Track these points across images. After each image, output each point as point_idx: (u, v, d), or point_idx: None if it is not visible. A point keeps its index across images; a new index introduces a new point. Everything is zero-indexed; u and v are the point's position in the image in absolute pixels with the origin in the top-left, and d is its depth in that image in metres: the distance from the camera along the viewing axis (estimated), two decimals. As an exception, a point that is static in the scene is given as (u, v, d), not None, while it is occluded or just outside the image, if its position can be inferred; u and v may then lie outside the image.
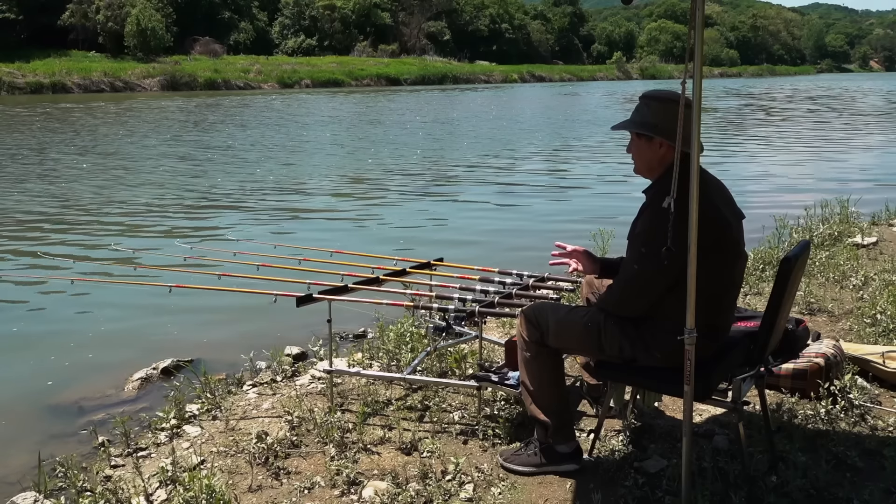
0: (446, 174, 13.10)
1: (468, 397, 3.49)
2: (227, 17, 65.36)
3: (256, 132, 20.79)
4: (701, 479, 2.61)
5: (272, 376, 4.04)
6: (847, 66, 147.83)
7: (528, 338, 2.77)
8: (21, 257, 7.42)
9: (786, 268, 2.52)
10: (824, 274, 5.30)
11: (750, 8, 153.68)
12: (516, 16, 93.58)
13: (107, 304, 5.87)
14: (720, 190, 2.57)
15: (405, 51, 74.37)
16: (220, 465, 2.99)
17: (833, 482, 2.63)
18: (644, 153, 2.58)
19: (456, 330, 3.78)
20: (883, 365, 3.51)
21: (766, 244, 6.17)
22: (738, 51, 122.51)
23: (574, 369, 3.57)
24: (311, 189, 11.53)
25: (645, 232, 2.47)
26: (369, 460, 2.96)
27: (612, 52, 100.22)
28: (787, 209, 7.33)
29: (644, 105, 2.58)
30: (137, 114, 28.17)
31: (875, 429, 3.07)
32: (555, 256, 2.92)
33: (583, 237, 6.43)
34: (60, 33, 54.05)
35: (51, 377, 4.48)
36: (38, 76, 44.13)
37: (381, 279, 3.73)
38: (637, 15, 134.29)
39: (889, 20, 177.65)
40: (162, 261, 5.14)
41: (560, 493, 2.69)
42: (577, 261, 2.86)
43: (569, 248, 2.88)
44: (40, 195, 10.87)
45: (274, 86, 51.96)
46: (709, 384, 2.48)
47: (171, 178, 12.64)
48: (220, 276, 3.94)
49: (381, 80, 59.10)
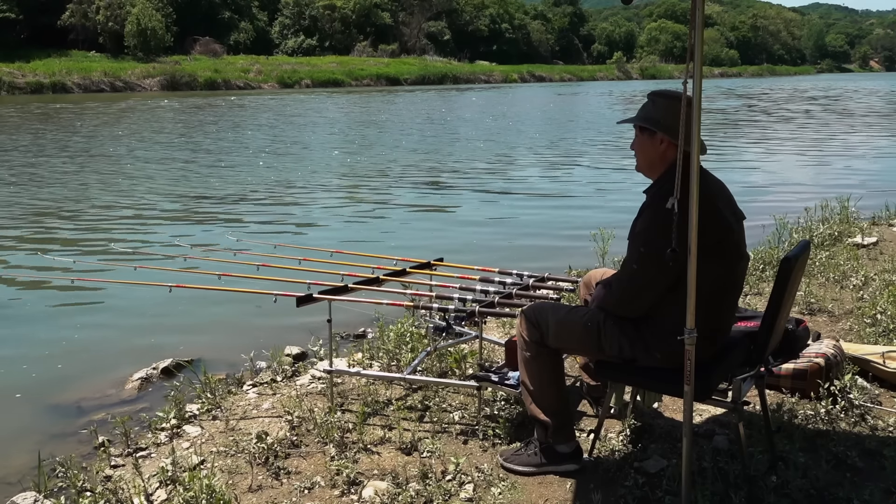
0: (446, 174, 13.10)
1: (468, 397, 3.49)
2: (227, 17, 65.38)
3: (256, 132, 20.79)
4: (701, 479, 2.61)
5: (272, 376, 4.04)
6: (847, 66, 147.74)
7: (528, 338, 2.77)
8: (21, 257, 7.43)
9: (786, 268, 2.52)
10: (824, 274, 5.30)
11: (750, 8, 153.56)
12: (516, 16, 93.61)
13: (107, 304, 5.88)
14: (721, 191, 2.57)
15: (405, 51, 74.38)
16: (220, 465, 2.99)
17: (833, 482, 2.63)
18: (646, 149, 2.59)
19: (456, 330, 3.78)
20: (883, 365, 3.51)
21: (766, 244, 6.17)
22: (738, 51, 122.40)
23: (574, 369, 3.57)
24: (311, 189, 11.53)
25: (645, 231, 2.47)
26: (369, 460, 2.96)
27: (612, 52, 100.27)
28: (787, 209, 7.33)
29: (651, 102, 2.60)
30: (137, 114, 28.18)
31: (875, 429, 3.07)
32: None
33: (583, 237, 6.45)
34: (60, 33, 54.08)
35: (51, 377, 4.48)
36: (38, 76, 44.16)
37: (381, 279, 3.73)
38: (637, 15, 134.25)
39: (889, 20, 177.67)
40: (162, 261, 5.15)
41: (560, 493, 2.69)
42: None
43: None
44: (40, 195, 10.87)
45: (274, 86, 51.98)
46: (709, 384, 2.48)
47: (171, 178, 12.64)
48: (220, 276, 3.94)
49: (381, 80, 59.11)
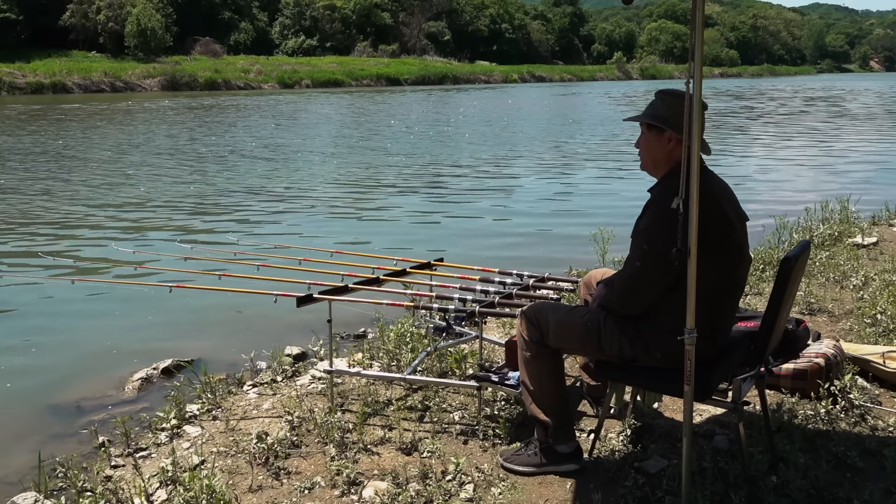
0: (446, 174, 13.09)
1: (468, 397, 3.49)
2: (228, 18, 65.41)
3: (256, 132, 20.79)
4: (701, 479, 2.61)
5: (272, 376, 4.04)
6: (847, 66, 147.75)
7: (528, 338, 2.77)
8: (21, 257, 7.43)
9: (786, 268, 2.52)
10: (824, 274, 5.30)
11: (750, 8, 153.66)
12: (516, 16, 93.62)
13: (107, 304, 5.88)
14: (725, 191, 2.57)
15: (405, 51, 74.42)
16: (220, 465, 2.99)
17: (833, 482, 2.63)
18: (652, 147, 2.58)
19: (456, 330, 3.78)
20: (883, 365, 3.51)
21: (766, 244, 6.17)
22: (738, 51, 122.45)
23: (574, 369, 3.57)
24: (311, 189, 11.53)
25: (648, 229, 2.47)
26: (369, 460, 2.96)
27: (612, 53, 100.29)
28: (787, 209, 7.33)
29: (658, 100, 2.59)
30: (136, 114, 28.17)
31: (875, 429, 3.07)
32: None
33: (583, 237, 6.45)
34: (61, 33, 54.13)
35: (51, 377, 4.49)
36: (39, 76, 44.21)
37: (382, 279, 3.73)
38: (637, 15, 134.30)
39: (889, 20, 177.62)
40: (162, 261, 5.14)
41: (560, 493, 2.69)
42: None
43: None
44: (40, 195, 10.87)
45: (274, 86, 52.00)
46: (709, 384, 2.48)
47: (171, 178, 12.64)
48: (220, 276, 3.94)
49: (381, 81, 59.14)
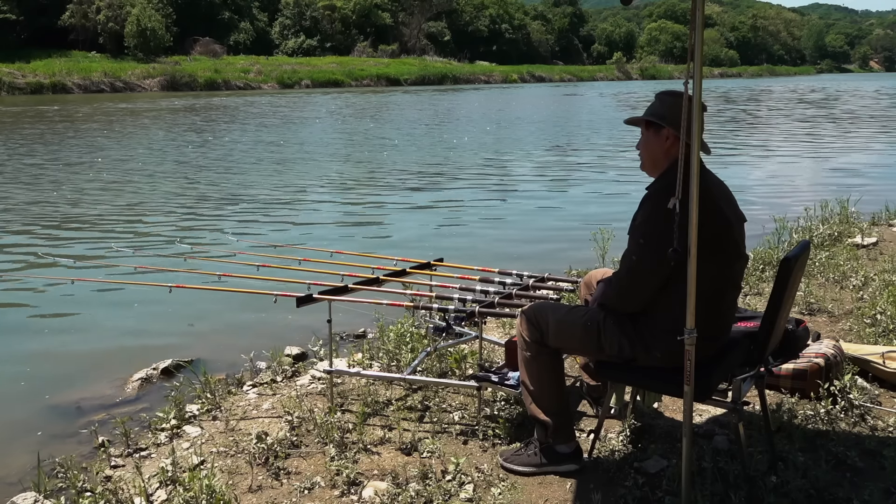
0: (446, 174, 13.09)
1: (468, 397, 3.48)
2: (227, 18, 65.40)
3: (256, 132, 20.79)
4: (701, 479, 2.61)
5: (272, 376, 4.04)
6: (847, 66, 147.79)
7: (528, 338, 2.77)
8: (21, 257, 7.43)
9: (786, 268, 2.52)
10: (824, 274, 5.30)
11: (750, 8, 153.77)
12: (516, 16, 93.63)
13: (107, 305, 5.88)
14: (723, 191, 2.58)
15: (405, 51, 74.41)
16: (220, 465, 2.99)
17: (833, 482, 2.63)
18: (651, 145, 2.60)
19: (456, 330, 3.78)
20: (883, 365, 3.51)
21: (766, 244, 6.17)
22: (738, 51, 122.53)
23: (574, 369, 3.57)
24: (311, 189, 11.53)
25: (644, 223, 2.48)
26: (369, 460, 2.96)
27: (612, 53, 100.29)
28: (786, 209, 7.33)
29: (658, 100, 2.62)
30: (136, 114, 28.17)
31: (875, 429, 3.07)
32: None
33: (583, 238, 6.45)
34: (61, 33, 54.12)
35: (51, 377, 4.48)
36: (39, 76, 44.20)
37: (381, 279, 3.73)
38: (637, 15, 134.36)
39: (889, 20, 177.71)
40: (162, 261, 5.14)
41: (560, 493, 2.69)
42: None
43: None
44: (40, 195, 10.87)
45: (274, 86, 51.99)
46: (709, 384, 2.48)
47: (170, 178, 12.64)
48: (220, 276, 3.94)
49: (381, 81, 59.11)
